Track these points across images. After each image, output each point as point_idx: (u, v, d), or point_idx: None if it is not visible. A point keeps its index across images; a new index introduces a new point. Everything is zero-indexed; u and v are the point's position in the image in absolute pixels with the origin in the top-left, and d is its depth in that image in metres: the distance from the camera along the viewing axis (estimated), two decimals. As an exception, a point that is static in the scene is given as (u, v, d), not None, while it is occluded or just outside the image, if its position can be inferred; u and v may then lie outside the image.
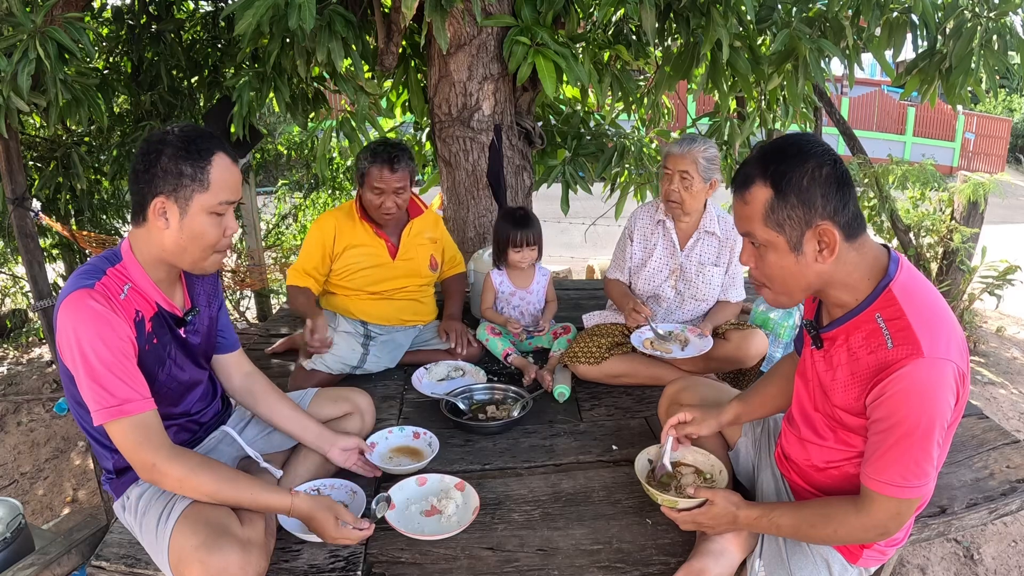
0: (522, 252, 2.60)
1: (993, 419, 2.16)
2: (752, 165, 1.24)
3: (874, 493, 1.21)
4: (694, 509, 1.43)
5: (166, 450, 1.36)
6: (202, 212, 1.38)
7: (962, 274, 4.58)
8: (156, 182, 1.36)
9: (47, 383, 4.22)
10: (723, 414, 1.64)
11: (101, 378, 1.31)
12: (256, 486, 1.43)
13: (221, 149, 1.40)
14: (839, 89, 12.67)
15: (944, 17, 2.92)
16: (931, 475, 1.19)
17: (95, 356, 1.30)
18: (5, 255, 5.17)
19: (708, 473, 1.64)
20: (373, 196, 2.41)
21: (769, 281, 1.30)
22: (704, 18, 2.93)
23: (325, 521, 1.44)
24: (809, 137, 1.24)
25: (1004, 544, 2.69)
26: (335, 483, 1.74)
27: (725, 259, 2.46)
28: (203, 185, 1.37)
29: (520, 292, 2.68)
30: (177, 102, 4.17)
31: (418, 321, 2.69)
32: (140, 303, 1.43)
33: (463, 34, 3.11)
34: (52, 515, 3.06)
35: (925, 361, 1.13)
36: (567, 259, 6.73)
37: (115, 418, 1.32)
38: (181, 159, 1.35)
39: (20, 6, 2.42)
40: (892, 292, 1.21)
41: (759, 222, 1.23)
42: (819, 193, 1.18)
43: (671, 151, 2.32)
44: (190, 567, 1.30)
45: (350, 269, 2.50)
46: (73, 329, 1.30)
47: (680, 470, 1.65)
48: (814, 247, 1.21)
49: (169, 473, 1.35)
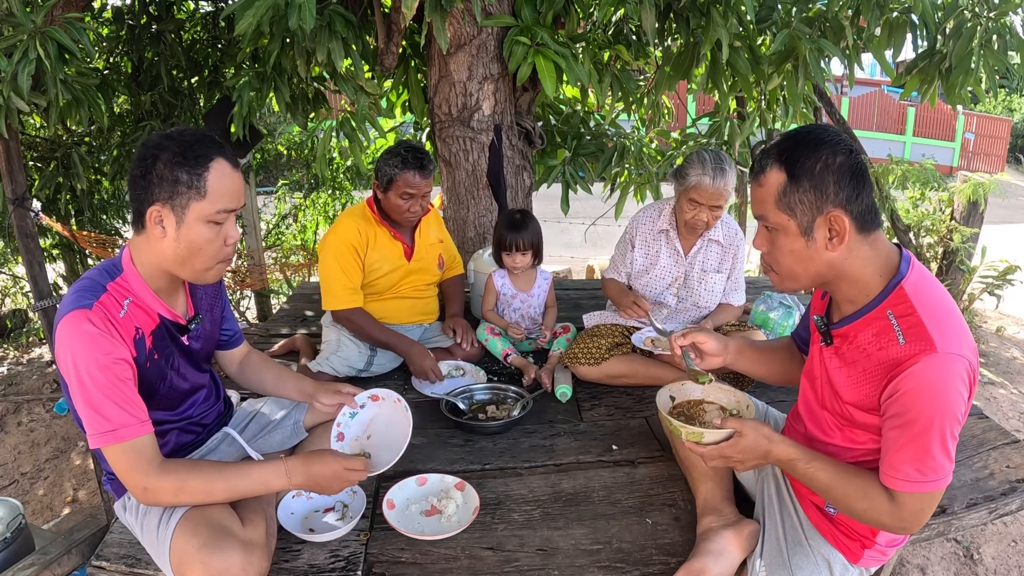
0: (514, 257, 2.57)
1: (993, 419, 2.16)
2: (770, 150, 1.27)
3: (896, 492, 1.21)
4: (721, 443, 1.33)
5: (155, 468, 1.33)
6: (199, 221, 1.33)
7: (962, 274, 4.58)
8: (152, 189, 1.30)
9: (47, 383, 4.22)
10: (731, 340, 1.62)
11: (96, 403, 1.28)
12: (244, 469, 1.40)
13: (220, 155, 1.34)
14: (839, 89, 12.67)
15: (944, 17, 2.92)
16: (949, 467, 1.19)
17: (91, 381, 1.27)
18: (5, 255, 5.17)
19: (734, 409, 1.56)
20: (402, 201, 2.39)
21: (777, 265, 1.31)
22: (704, 18, 2.93)
23: (325, 463, 1.41)
24: (828, 128, 1.27)
25: (1004, 544, 2.69)
26: None
27: (727, 266, 2.46)
28: (200, 193, 1.31)
29: (521, 295, 2.68)
30: (177, 102, 4.17)
31: (425, 319, 2.71)
32: (140, 318, 1.40)
33: (463, 34, 3.12)
34: (52, 515, 3.06)
35: (938, 356, 1.13)
36: (567, 259, 6.74)
37: (109, 443, 1.30)
38: (177, 165, 1.30)
39: (20, 6, 2.42)
40: (904, 289, 1.22)
41: (772, 204, 1.25)
42: (832, 180, 1.20)
43: (704, 185, 2.19)
44: (192, 568, 1.30)
45: (374, 274, 2.49)
46: (70, 351, 1.27)
47: (704, 407, 1.57)
48: (824, 234, 1.22)
49: (161, 488, 1.32)
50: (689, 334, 1.58)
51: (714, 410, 1.56)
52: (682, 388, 1.63)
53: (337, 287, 2.41)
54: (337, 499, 1.70)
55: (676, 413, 1.57)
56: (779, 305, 2.65)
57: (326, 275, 2.42)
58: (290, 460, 1.42)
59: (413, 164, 2.34)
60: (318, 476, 1.42)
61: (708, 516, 1.58)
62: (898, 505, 1.22)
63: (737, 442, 1.31)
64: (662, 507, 1.74)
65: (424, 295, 2.67)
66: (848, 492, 1.27)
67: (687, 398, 1.61)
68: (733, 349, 1.61)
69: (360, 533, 1.61)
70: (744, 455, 1.32)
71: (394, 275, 2.53)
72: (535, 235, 2.58)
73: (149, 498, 1.34)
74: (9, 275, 5.41)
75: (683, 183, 2.26)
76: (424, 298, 2.68)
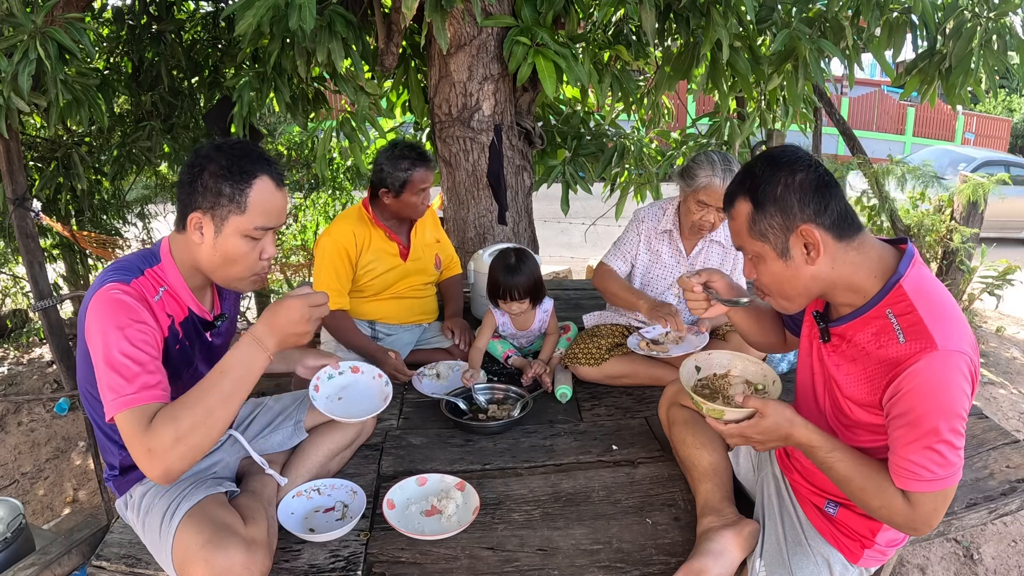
0: (510, 305, 2.36)
1: (993, 419, 2.16)
2: (734, 184, 1.32)
3: (910, 493, 1.21)
4: (743, 421, 1.30)
5: (147, 428, 1.24)
6: (236, 234, 1.35)
7: (962, 274, 4.58)
8: (196, 196, 1.34)
9: (47, 383, 4.22)
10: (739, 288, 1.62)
11: (120, 367, 1.25)
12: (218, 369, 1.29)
13: (266, 172, 1.36)
14: (839, 89, 12.69)
15: (944, 17, 2.92)
16: (959, 464, 1.19)
17: (117, 346, 1.26)
18: (6, 255, 5.17)
19: (760, 384, 1.49)
20: (416, 198, 2.43)
21: (768, 289, 1.34)
22: (704, 18, 2.93)
23: (285, 305, 1.31)
24: (786, 148, 1.30)
25: (1004, 544, 2.69)
26: (335, 483, 1.74)
27: (728, 266, 2.46)
28: (240, 207, 1.34)
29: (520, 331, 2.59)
30: (177, 102, 4.18)
31: (423, 319, 2.72)
32: (173, 307, 1.43)
33: (463, 34, 3.12)
34: (53, 515, 3.07)
35: (939, 354, 1.14)
36: (567, 259, 6.74)
37: (128, 407, 1.24)
38: (222, 178, 1.32)
39: (21, 7, 2.43)
40: (903, 288, 1.22)
41: (746, 234, 1.29)
42: (795, 199, 1.22)
43: (714, 187, 2.16)
44: (195, 565, 1.30)
45: (369, 275, 2.50)
46: (101, 315, 1.27)
47: (728, 379, 1.52)
48: (801, 250, 1.24)
49: (160, 442, 1.22)
50: (704, 272, 1.58)
51: (739, 384, 1.50)
52: (708, 358, 1.56)
53: (321, 288, 2.43)
54: (337, 499, 1.70)
55: (701, 386, 1.51)
56: (779, 305, 2.64)
57: (316, 275, 2.47)
58: (254, 326, 1.32)
59: (421, 161, 2.40)
60: (286, 325, 1.32)
61: (708, 516, 1.58)
62: (912, 505, 1.21)
63: (758, 423, 1.28)
64: (662, 507, 1.74)
65: (422, 295, 2.68)
66: (866, 487, 1.25)
67: (713, 371, 1.54)
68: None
69: (360, 533, 1.61)
70: (764, 436, 1.29)
71: (390, 275, 2.53)
72: (531, 278, 2.34)
73: (154, 461, 1.23)
74: (9, 275, 5.41)
75: (691, 184, 2.24)
76: (422, 298, 2.68)
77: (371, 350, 2.41)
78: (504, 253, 2.40)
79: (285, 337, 1.32)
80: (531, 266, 2.36)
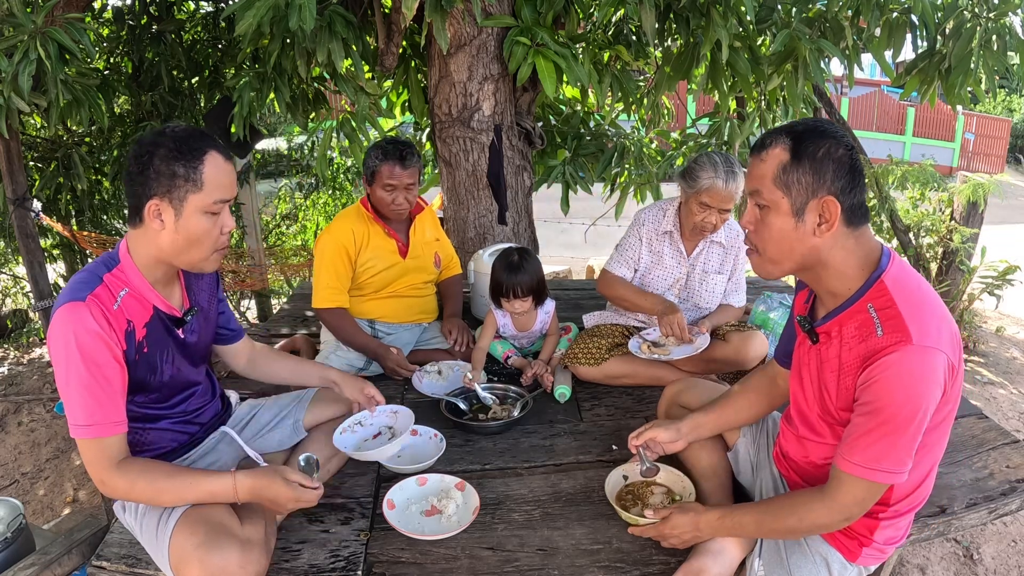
0: (512, 304, 2.38)
1: (993, 419, 2.16)
2: (780, 129, 1.30)
3: (843, 474, 1.24)
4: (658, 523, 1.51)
5: (114, 466, 1.36)
6: (197, 212, 1.38)
7: (962, 274, 4.58)
8: (150, 184, 1.35)
9: (48, 383, 4.22)
10: (683, 423, 1.67)
11: (75, 398, 1.32)
12: (193, 479, 1.41)
13: (213, 147, 1.39)
14: (839, 89, 12.68)
15: (944, 17, 2.92)
16: (906, 464, 1.21)
17: (75, 376, 1.31)
18: (6, 255, 5.18)
19: (679, 494, 1.70)
20: (385, 193, 2.40)
21: (763, 244, 1.32)
22: (704, 18, 2.93)
23: (274, 487, 1.41)
24: (832, 123, 1.32)
25: (1004, 544, 2.69)
26: (377, 410, 1.81)
27: (729, 267, 2.46)
28: (196, 185, 1.36)
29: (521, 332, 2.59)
30: (178, 102, 4.17)
31: (423, 319, 2.71)
32: (136, 310, 1.42)
33: (463, 34, 3.12)
34: (53, 515, 3.06)
35: (913, 348, 1.15)
36: (567, 259, 6.74)
37: (81, 437, 1.34)
38: (173, 160, 1.34)
39: (21, 7, 2.43)
40: (884, 283, 1.24)
41: (769, 180, 1.27)
42: (831, 168, 1.23)
43: (717, 188, 2.18)
44: (190, 566, 1.31)
45: (368, 272, 2.49)
46: (62, 343, 1.31)
47: (652, 489, 1.73)
48: (815, 218, 1.25)
49: (116, 485, 1.37)
50: (643, 434, 1.68)
51: (661, 493, 1.72)
52: (635, 469, 1.74)
53: (321, 286, 2.44)
54: (380, 425, 1.88)
55: (626, 492, 1.73)
56: (779, 305, 2.65)
57: (315, 274, 2.47)
58: (239, 475, 1.41)
59: (393, 155, 2.35)
60: (267, 499, 1.43)
61: (708, 516, 1.58)
62: (834, 496, 1.25)
63: (666, 523, 1.49)
64: (662, 507, 1.74)
65: (421, 294, 2.67)
66: (775, 515, 1.34)
67: (639, 479, 1.74)
68: (687, 429, 1.67)
69: (360, 533, 1.61)
70: (677, 531, 1.48)
71: (389, 273, 2.53)
72: (534, 277, 2.35)
73: (106, 490, 1.39)
74: (9, 275, 5.41)
75: (694, 186, 2.24)
76: (422, 297, 2.67)
77: (372, 347, 2.41)
78: (507, 252, 2.41)
79: (261, 502, 1.44)
80: (534, 265, 2.38)
